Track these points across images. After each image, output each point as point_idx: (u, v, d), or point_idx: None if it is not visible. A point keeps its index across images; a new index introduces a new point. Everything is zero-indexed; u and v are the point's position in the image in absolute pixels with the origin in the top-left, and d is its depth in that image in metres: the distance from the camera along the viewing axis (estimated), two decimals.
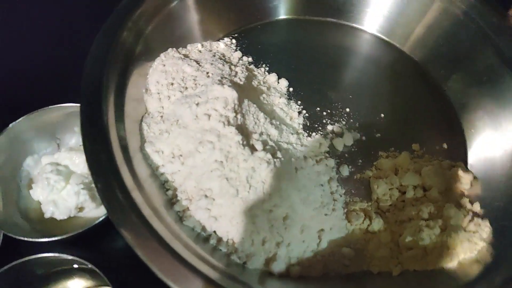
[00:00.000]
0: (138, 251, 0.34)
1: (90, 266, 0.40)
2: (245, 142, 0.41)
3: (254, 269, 0.40)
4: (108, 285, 0.40)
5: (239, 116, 0.43)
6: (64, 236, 0.42)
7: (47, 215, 0.47)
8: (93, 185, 0.46)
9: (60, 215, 0.47)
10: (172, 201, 0.41)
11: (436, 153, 0.50)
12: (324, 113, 0.52)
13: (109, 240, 0.48)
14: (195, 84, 0.47)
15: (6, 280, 0.40)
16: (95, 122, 0.40)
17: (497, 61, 0.50)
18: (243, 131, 0.43)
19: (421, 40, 0.59)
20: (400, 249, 0.42)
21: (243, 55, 0.56)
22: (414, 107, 0.54)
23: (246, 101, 0.45)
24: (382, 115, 0.53)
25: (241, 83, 0.48)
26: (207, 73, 0.48)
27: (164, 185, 0.43)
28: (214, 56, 0.53)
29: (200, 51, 0.54)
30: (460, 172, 0.47)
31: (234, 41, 0.58)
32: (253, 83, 0.50)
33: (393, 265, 0.41)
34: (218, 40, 0.58)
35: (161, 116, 0.46)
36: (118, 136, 0.41)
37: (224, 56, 0.55)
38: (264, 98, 0.49)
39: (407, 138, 0.51)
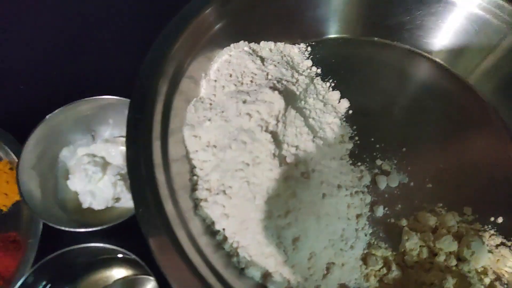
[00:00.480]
0: (142, 226, 0.35)
1: (133, 256, 0.40)
2: (276, 152, 0.40)
3: (250, 278, 0.39)
4: (149, 275, 0.40)
5: (280, 125, 0.41)
6: (103, 227, 0.43)
7: (85, 205, 0.48)
8: None
9: (97, 206, 0.48)
10: (193, 188, 0.42)
11: (489, 224, 0.44)
12: (378, 145, 0.49)
13: None
14: (252, 81, 0.46)
15: (50, 268, 0.41)
16: (145, 91, 0.41)
17: None
18: (280, 140, 0.41)
19: (488, 74, 0.53)
20: None
21: (313, 65, 0.55)
22: (479, 162, 0.48)
23: (293, 112, 0.43)
24: (441, 165, 0.48)
25: (297, 92, 0.46)
26: (267, 74, 0.48)
27: (192, 170, 0.43)
28: (282, 58, 0.52)
29: (271, 50, 0.53)
30: (508, 253, 0.41)
31: (309, 49, 0.57)
32: (310, 95, 0.49)
33: None
34: (294, 44, 0.57)
35: (210, 104, 0.46)
36: (164, 110, 0.42)
37: (292, 61, 0.53)
38: (316, 113, 0.47)
39: (461, 198, 0.46)
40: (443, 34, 0.55)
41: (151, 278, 0.41)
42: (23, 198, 0.44)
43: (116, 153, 0.51)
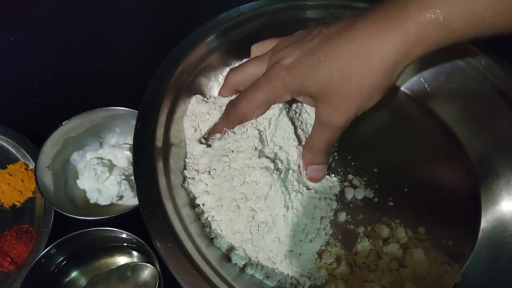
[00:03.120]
0: (136, 181, 0.43)
1: (135, 239, 0.46)
2: (259, 147, 0.47)
3: (217, 248, 0.45)
4: (153, 264, 0.46)
5: (271, 126, 0.49)
6: (110, 216, 0.49)
7: (92, 201, 0.54)
8: (132, 177, 0.55)
9: (103, 202, 0.54)
10: (185, 167, 0.49)
11: (439, 245, 0.49)
12: (353, 163, 0.55)
13: None
14: None
15: (67, 247, 0.47)
16: (161, 81, 0.50)
17: None
18: (266, 139, 0.49)
19: (445, 99, 0.60)
20: None
21: None
22: (441, 191, 0.54)
23: (286, 119, 0.50)
24: (406, 189, 0.54)
25: (294, 105, 0.54)
26: None
27: (186, 154, 0.51)
28: None
29: None
30: (450, 270, 0.46)
31: None
32: (305, 111, 0.56)
33: None
34: None
35: (214, 102, 0.54)
36: (173, 98, 0.51)
37: None
38: (306, 126, 0.54)
39: (418, 218, 0.51)
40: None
41: (150, 265, 0.47)
42: (39, 190, 0.50)
43: (122, 156, 0.57)
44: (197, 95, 0.55)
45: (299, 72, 0.42)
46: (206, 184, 0.47)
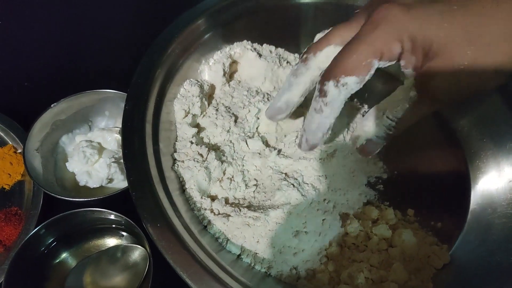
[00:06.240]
0: (125, 162, 0.42)
1: (124, 218, 0.46)
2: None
3: (211, 235, 0.44)
4: (143, 246, 0.46)
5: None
6: (99, 197, 0.49)
7: (82, 183, 0.54)
8: (121, 160, 0.55)
9: (93, 184, 0.54)
10: (175, 149, 0.49)
11: (428, 227, 0.50)
12: None
13: None
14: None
15: (56, 228, 0.47)
16: (151, 64, 0.50)
17: None
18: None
19: None
20: (338, 281, 0.43)
21: None
22: (432, 176, 0.54)
23: None
24: (396, 172, 0.54)
25: None
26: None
27: (176, 137, 0.50)
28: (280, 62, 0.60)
29: (270, 52, 0.61)
30: (438, 251, 0.47)
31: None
32: None
33: None
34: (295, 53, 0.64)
35: (206, 85, 0.54)
36: (163, 81, 0.50)
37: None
38: None
39: (407, 201, 0.51)
40: None
41: (140, 247, 0.47)
42: (28, 172, 0.50)
43: (111, 139, 0.57)
44: (191, 79, 0.54)
45: (421, 14, 0.33)
46: (193, 171, 0.46)
